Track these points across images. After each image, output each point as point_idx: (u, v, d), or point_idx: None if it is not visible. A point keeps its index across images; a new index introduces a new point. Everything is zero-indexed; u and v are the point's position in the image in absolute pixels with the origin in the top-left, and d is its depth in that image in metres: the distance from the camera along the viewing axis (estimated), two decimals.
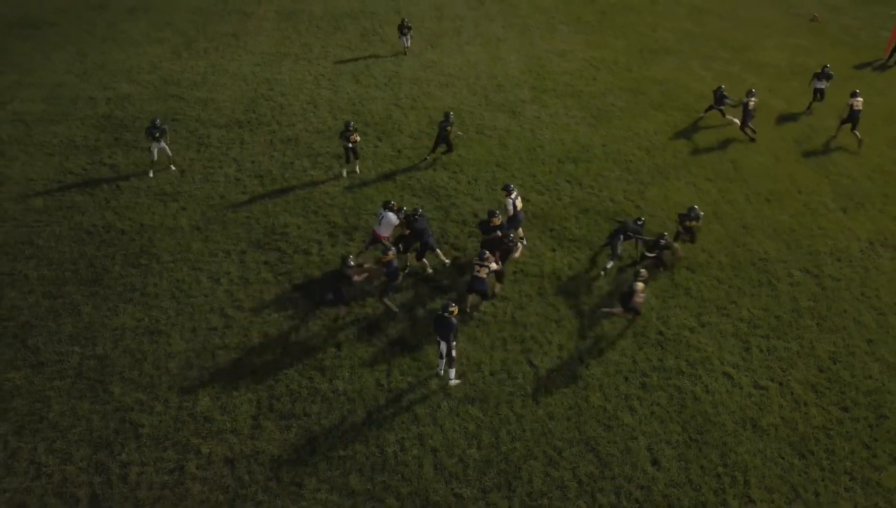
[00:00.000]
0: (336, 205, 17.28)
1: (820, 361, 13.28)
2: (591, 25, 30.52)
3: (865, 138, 21.32)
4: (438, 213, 17.00)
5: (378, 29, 29.14)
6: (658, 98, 23.67)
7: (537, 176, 18.83)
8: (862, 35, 30.64)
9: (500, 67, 25.78)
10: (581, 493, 10.70)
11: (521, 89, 24.04)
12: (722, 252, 16.04)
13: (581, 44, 28.30)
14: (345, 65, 25.59)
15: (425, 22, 29.99)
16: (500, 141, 20.53)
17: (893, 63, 27.73)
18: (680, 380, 12.70)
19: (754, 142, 20.85)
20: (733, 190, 18.64)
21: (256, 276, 14.86)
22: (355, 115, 21.66)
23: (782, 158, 20.35)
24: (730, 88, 24.34)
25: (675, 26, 30.80)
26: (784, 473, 11.12)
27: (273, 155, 19.48)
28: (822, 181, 19.22)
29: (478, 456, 11.18)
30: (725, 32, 30.32)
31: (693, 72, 25.90)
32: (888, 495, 10.84)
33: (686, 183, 18.89)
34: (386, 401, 12.06)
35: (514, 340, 13.38)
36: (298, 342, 13.22)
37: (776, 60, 27.33)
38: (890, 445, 11.65)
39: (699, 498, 10.68)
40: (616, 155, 20.09)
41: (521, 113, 22.34)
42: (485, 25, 30.03)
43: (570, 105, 22.97)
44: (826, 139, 21.39)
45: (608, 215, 17.22)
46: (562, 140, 20.72)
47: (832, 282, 15.33)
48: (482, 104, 22.82)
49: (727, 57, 27.59)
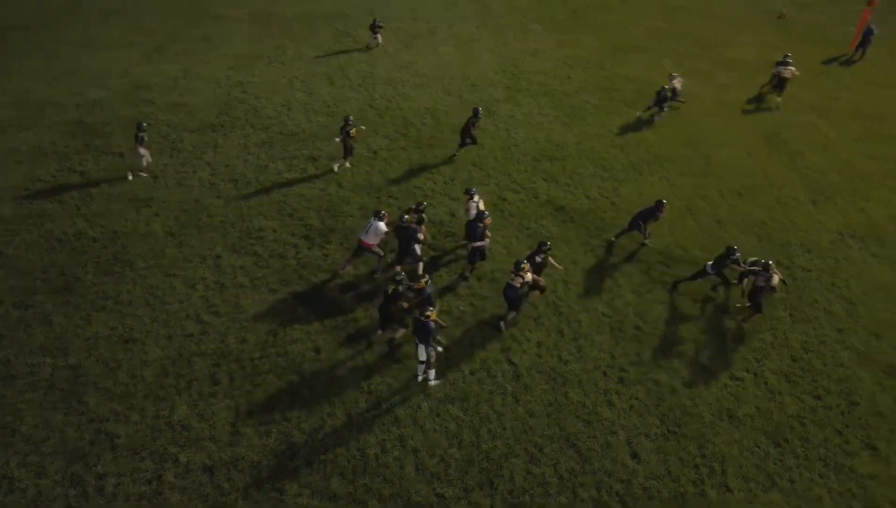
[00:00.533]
0: (312, 208, 17.18)
1: (793, 351, 13.50)
2: (563, 24, 30.70)
3: (833, 134, 21.70)
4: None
5: (352, 31, 29.03)
6: (631, 95, 23.87)
7: (513, 175, 18.89)
8: (828, 31, 31.17)
9: (475, 67, 25.83)
10: (562, 489, 10.75)
11: (496, 89, 24.10)
12: (696, 246, 16.22)
13: (554, 43, 28.46)
14: (319, 66, 25.46)
15: (400, 23, 29.95)
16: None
17: (859, 58, 28.24)
18: (657, 373, 12.82)
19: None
20: (707, 185, 18.86)
21: (232, 281, 14.72)
22: (330, 116, 21.56)
23: (754, 153, 20.64)
24: (702, 85, 24.64)
25: (647, 24, 31.09)
26: (760, 462, 11.28)
27: (247, 158, 19.32)
28: (792, 175, 19.52)
29: (459, 456, 11.18)
30: (696, 30, 30.67)
31: (665, 69, 26.15)
32: (861, 480, 11.04)
33: (660, 178, 19.07)
34: (366, 404, 12.02)
35: (494, 338, 13.40)
36: (276, 346, 13.12)
37: (746, 57, 27.70)
38: (861, 431, 11.87)
39: (678, 490, 10.79)
40: (590, 152, 20.23)
41: (496, 112, 22.39)
42: (459, 26, 30.06)
43: (543, 104, 23.08)
44: (797, 132, 21.75)
45: (583, 212, 17.32)
46: (536, 139, 20.81)
47: (803, 273, 15.58)
48: (457, 104, 22.84)
49: (698, 54, 27.90)
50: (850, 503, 10.72)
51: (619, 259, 15.70)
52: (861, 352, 13.52)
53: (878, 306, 14.71)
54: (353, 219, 16.71)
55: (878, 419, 12.13)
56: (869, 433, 11.85)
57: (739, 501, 10.66)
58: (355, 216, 16.81)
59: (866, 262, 16.07)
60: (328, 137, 20.25)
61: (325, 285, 14.63)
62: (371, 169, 18.91)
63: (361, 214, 16.89)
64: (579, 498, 10.61)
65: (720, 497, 10.71)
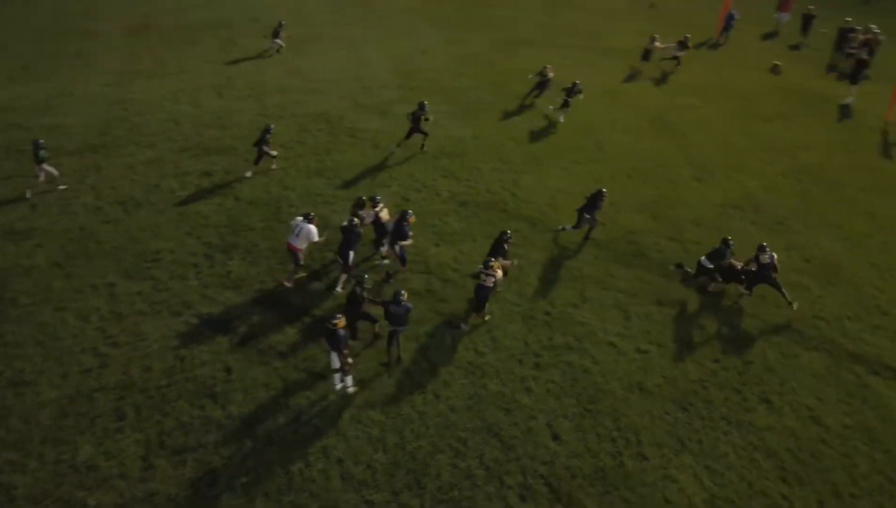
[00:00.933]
0: (210, 224, 16.58)
1: (691, 319, 14.30)
2: (451, 22, 31.11)
3: (711, 113, 23.15)
4: (319, 221, 16.69)
5: (237, 39, 28.23)
6: (522, 88, 24.50)
7: (415, 174, 18.97)
8: (693, 17, 33.22)
9: (366, 70, 25.73)
10: (489, 479, 10.92)
11: (389, 90, 24.11)
12: (596, 230, 16.86)
13: (443, 41, 28.79)
14: (204, 78, 24.58)
15: (286, 29, 29.37)
16: (374, 143, 20.50)
17: (724, 42, 30.28)
18: (570, 356, 13.25)
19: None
20: (600, 170, 19.66)
21: (130, 308, 13.97)
22: (222, 129, 20.87)
23: (641, 136, 21.70)
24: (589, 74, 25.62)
25: (531, 19, 32.02)
26: (671, 428, 11.89)
27: (134, 179, 18.38)
28: (677, 155, 20.67)
29: (385, 460, 11.13)
30: (577, 21, 31.88)
31: (553, 61, 26.99)
32: (760, 433, 11.87)
33: (558, 168, 19.70)
34: (285, 419, 11.73)
35: (409, 338, 13.41)
36: (184, 371, 12.58)
37: (625, 45, 29.07)
38: (756, 387, 12.76)
39: (598, 464, 11.20)
40: (488, 147, 20.62)
41: (392, 113, 22.40)
42: (346, 29, 29.85)
43: (438, 102, 23.30)
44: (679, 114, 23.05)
45: (485, 205, 17.63)
46: (434, 137, 20.98)
47: (694, 246, 16.53)
48: (352, 108, 22.68)
49: (582, 45, 29.02)
50: (752, 455, 11.49)
51: (524, 249, 16.09)
52: (750, 313, 14.51)
53: None
54: (255, 232, 16.27)
55: (770, 374, 13.07)
56: (763, 389, 12.74)
57: (655, 467, 11.20)
58: (257, 229, 16.37)
59: (746, 230, 17.27)
60: (222, 150, 19.60)
61: (230, 303, 14.16)
62: (269, 180, 18.45)
63: (263, 226, 16.47)
64: (506, 486, 10.82)
65: (637, 466, 11.21)
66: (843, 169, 20.51)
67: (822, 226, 17.62)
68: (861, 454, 11.59)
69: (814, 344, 13.84)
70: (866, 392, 12.78)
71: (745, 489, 10.93)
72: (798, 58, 29.52)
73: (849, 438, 11.87)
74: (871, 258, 16.53)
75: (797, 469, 11.29)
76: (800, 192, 19.19)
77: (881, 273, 15.87)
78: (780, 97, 25.36)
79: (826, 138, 22.44)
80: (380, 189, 17.95)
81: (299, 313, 13.97)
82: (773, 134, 22.49)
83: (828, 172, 20.27)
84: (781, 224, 17.59)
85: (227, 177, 18.46)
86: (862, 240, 17.19)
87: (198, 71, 25.18)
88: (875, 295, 15.26)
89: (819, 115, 24.14)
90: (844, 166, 20.69)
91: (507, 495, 10.65)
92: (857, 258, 16.48)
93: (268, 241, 15.98)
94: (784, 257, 16.11)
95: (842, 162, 20.95)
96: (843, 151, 21.69)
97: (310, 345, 13.16)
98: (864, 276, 15.88)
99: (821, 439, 11.83)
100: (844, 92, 25.38)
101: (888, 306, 14.92)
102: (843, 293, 15.21)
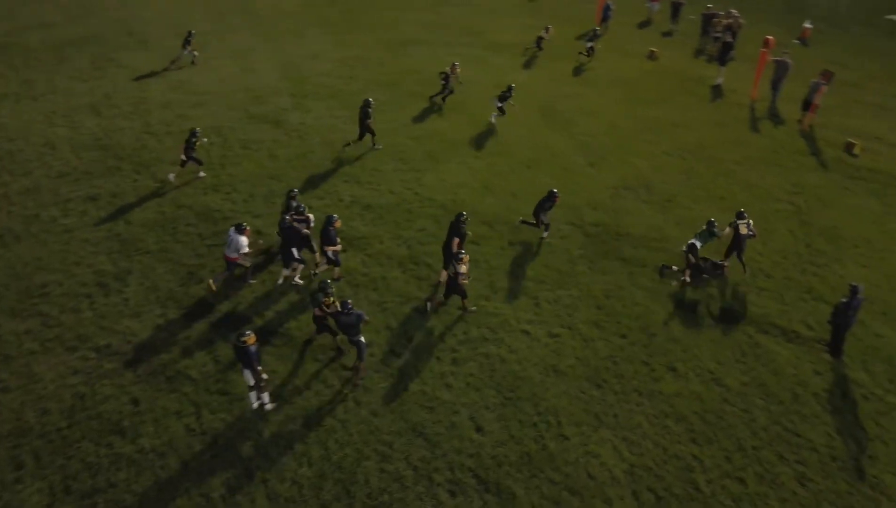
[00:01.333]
0: (101, 251, 15.67)
1: (597, 299, 14.90)
2: (337, 26, 30.81)
3: (598, 100, 24.13)
4: (219, 238, 16.17)
5: (112, 54, 26.76)
6: (415, 87, 24.64)
7: (315, 181, 18.68)
8: (572, 10, 34.51)
9: (255, 78, 25.06)
10: (418, 479, 10.95)
11: (281, 97, 23.60)
12: (499, 222, 17.23)
13: (331, 44, 28.47)
14: (80, 97, 23.16)
15: (165, 41, 28.14)
16: (269, 153, 20.02)
17: (604, 32, 31.64)
18: (486, 347, 13.48)
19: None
20: (499, 163, 20.08)
21: (18, 349, 12.99)
22: (103, 150, 19.73)
23: (534, 127, 22.33)
24: (479, 70, 26.05)
25: (417, 18, 32.21)
26: (587, 406, 12.35)
27: (11, 210, 17.08)
28: (569, 143, 21.43)
29: (310, 473, 10.93)
30: (463, 19, 32.37)
31: (442, 58, 27.32)
32: (669, 399, 12.54)
33: (458, 164, 19.95)
34: (201, 445, 11.28)
35: (323, 347, 13.22)
36: (86, 409, 11.83)
37: (512, 40, 29.81)
38: (662, 357, 13.46)
39: (523, 450, 11.47)
40: (387, 147, 20.60)
41: (286, 121, 21.96)
42: (230, 37, 28.94)
43: (332, 106, 23.05)
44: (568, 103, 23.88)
45: (389, 207, 17.62)
46: (331, 142, 20.74)
47: (593, 228, 17.21)
48: (243, 118, 22.04)
49: (469, 41, 29.50)
50: (664, 422, 12.12)
51: (431, 247, 16.19)
52: (649, 288, 15.28)
53: (654, 244, 16.70)
54: (151, 255, 15.52)
55: (674, 343, 13.82)
56: (668, 358, 13.46)
57: (576, 445, 11.60)
58: (152, 252, 15.62)
59: (640, 209, 18.15)
60: (106, 172, 18.55)
61: (131, 331, 13.44)
62: (161, 200, 17.64)
63: (159, 248, 15.74)
64: (435, 483, 10.88)
65: (560, 446, 11.56)
66: (719, 145, 21.93)
67: (707, 199, 18.77)
68: (759, 408, 12.47)
69: (709, 311, 14.74)
70: (758, 351, 13.76)
71: (661, 454, 11.52)
72: (671, 44, 31.28)
73: (747, 395, 12.74)
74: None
75: (705, 429, 12.01)
76: (685, 169, 20.36)
77: (763, 239, 17.10)
78: (658, 81, 26.80)
79: (702, 117, 23.92)
80: (279, 199, 17.56)
81: (207, 335, 13.47)
82: (655, 116, 23.74)
83: (707, 149, 21.62)
84: (671, 201, 18.60)
85: (113, 200, 17.48)
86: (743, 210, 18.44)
87: (71, 90, 23.69)
88: (758, 260, 16.43)
89: (694, 96, 25.70)
90: (720, 142, 22.13)
91: (438, 492, 10.72)
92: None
93: (165, 264, 15.29)
94: (676, 233, 17.07)
95: (718, 138, 22.40)
96: (717, 127, 23.20)
97: (221, 366, 12.71)
98: (748, 243, 17.05)
99: (723, 398, 12.63)
100: (714, 73, 27.14)
101: (770, 270, 16.10)
102: (731, 260, 16.26)
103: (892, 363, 13.56)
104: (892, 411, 12.54)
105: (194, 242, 15.94)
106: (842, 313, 13.24)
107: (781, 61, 23.96)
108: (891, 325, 14.55)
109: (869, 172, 20.65)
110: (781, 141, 22.41)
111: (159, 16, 31.46)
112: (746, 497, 10.91)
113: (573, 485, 10.94)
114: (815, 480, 11.22)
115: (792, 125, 23.48)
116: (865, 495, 11.04)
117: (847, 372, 13.32)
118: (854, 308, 13.23)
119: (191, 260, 15.43)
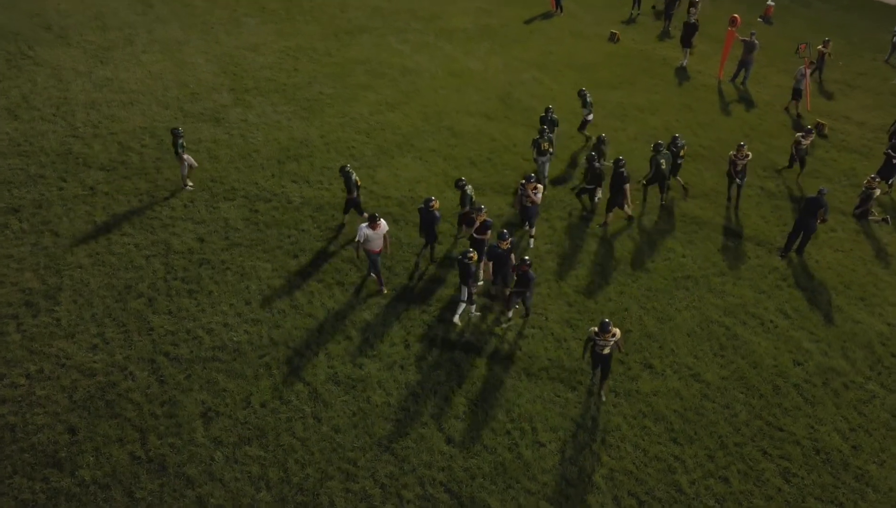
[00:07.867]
0: (26, 268, 15.18)
1: (567, 297, 15.07)
2: (278, 14, 30.43)
3: (555, 86, 24.36)
4: (158, 247, 15.83)
5: (28, 51, 25.90)
6: (364, 79, 24.52)
7: (260, 183, 18.44)
8: None
9: (190, 73, 24.60)
10: (386, 497, 10.91)
11: (220, 93, 23.23)
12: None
13: (272, 35, 28.13)
14: None
15: (87, 35, 27.38)
16: (210, 154, 19.68)
17: (559, 14, 32.05)
18: (452, 353, 13.51)
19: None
20: (457, 156, 20.13)
21: None
22: (24, 156, 19.10)
23: (492, 116, 22.46)
24: (431, 58, 26.09)
25: (364, 4, 32.05)
26: (562, 410, 12.48)
27: None
28: (529, 131, 21.58)
29: (269, 498, 10.80)
30: (413, 4, 32.33)
31: (391, 47, 27.25)
32: (647, 398, 12.77)
33: (412, 158, 19.93)
34: (148, 473, 11.04)
35: (279, 362, 13.08)
36: (17, 441, 11.46)
37: (464, 25, 29.91)
38: (638, 355, 13.70)
39: (496, 460, 11.54)
40: (337, 144, 20.45)
41: (226, 119, 21.61)
42: (160, 30, 28.32)
43: (276, 101, 22.78)
44: (525, 89, 24.09)
45: (343, 207, 17.51)
46: (277, 140, 20.50)
47: (559, 222, 17.40)
48: (178, 117, 21.61)
49: (420, 28, 29.48)
50: (642, 422, 12.34)
51: (391, 248, 16.15)
52: (621, 282, 15.53)
53: (625, 240, 16.96)
54: (83, 270, 15.11)
55: (649, 340, 14.08)
56: (644, 355, 13.71)
57: (553, 452, 11.72)
58: (84, 266, 15.21)
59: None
60: (28, 181, 17.98)
61: (65, 353, 13.07)
62: (92, 208, 17.17)
63: (91, 262, 15.33)
64: (405, 501, 10.87)
65: (535, 454, 11.67)
66: (688, 128, 22.39)
67: (678, 186, 19.15)
68: (740, 402, 12.80)
69: (685, 304, 15.06)
70: (736, 342, 14.12)
71: (641, 457, 11.72)
72: (633, 26, 31.81)
73: (727, 389, 13.06)
74: (725, 213, 18.22)
75: (685, 428, 12.27)
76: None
77: (735, 225, 17.51)
78: (622, 64, 27.23)
79: (669, 100, 24.40)
80: (223, 203, 17.30)
81: (150, 353, 13.18)
82: (620, 100, 24.11)
83: (676, 133, 22.03)
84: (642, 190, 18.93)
85: (38, 212, 16.95)
86: (715, 197, 18.89)
87: None
88: (731, 246, 16.84)
89: (659, 78, 26.18)
90: (690, 125, 22.60)
91: None
92: (714, 215, 18.09)
93: (100, 277, 14.91)
94: (647, 220, 17.38)
95: (687, 121, 22.88)
96: (685, 110, 23.69)
97: (167, 387, 12.46)
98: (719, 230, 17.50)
99: (703, 394, 12.92)
100: (679, 55, 27.71)
101: (746, 255, 16.52)
102: (704, 249, 16.63)
103: (872, 349, 14.07)
104: (873, 399, 13.01)
105: (131, 253, 15.57)
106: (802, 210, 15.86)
107: (749, 42, 24.59)
108: (868, 310, 15.10)
109: (839, 152, 21.37)
110: (752, 123, 23.01)
111: (79, 7, 30.57)
112: (731, 496, 11.18)
113: (551, 494, 11.05)
114: (800, 475, 11.57)
115: (763, 107, 24.13)
116: (851, 487, 11.44)
117: (827, 360, 13.77)
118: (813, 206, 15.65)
119: (128, 272, 15.08)
